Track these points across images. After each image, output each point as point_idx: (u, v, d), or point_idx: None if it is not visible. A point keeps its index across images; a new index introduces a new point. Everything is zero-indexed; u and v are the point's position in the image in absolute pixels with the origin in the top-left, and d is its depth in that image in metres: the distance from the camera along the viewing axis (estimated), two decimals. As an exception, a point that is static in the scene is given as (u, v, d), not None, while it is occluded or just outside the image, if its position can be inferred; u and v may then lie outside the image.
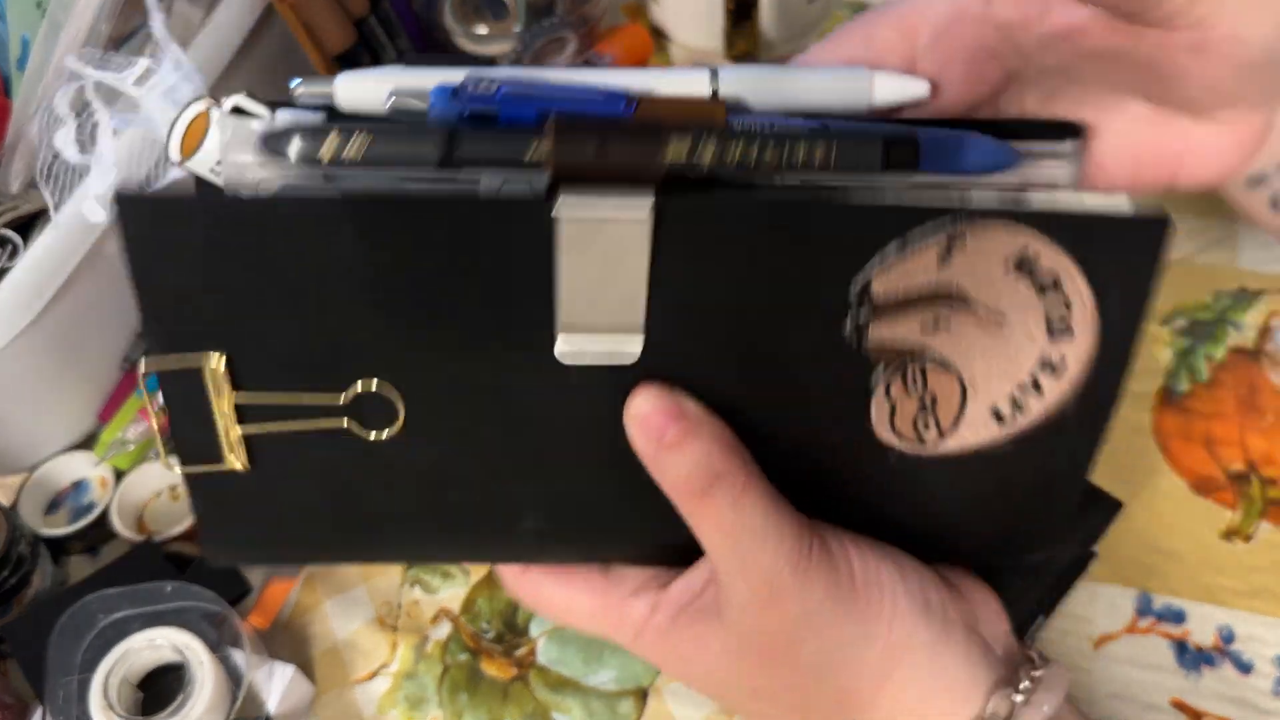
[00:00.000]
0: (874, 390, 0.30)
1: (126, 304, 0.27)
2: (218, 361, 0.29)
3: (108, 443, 0.52)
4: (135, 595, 0.44)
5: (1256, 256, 0.51)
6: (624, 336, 0.28)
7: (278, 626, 0.48)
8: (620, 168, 0.25)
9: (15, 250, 0.49)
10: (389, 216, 0.27)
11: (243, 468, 0.30)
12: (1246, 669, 0.42)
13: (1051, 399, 0.30)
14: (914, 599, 0.32)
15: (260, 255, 0.27)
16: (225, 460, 0.30)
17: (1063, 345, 0.30)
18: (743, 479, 0.30)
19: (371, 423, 0.30)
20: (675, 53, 0.66)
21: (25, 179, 0.50)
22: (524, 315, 0.28)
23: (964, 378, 0.30)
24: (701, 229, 0.27)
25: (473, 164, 0.26)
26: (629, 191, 0.26)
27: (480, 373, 0.29)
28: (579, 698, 0.45)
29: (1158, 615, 0.43)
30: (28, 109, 0.48)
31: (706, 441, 0.29)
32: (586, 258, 0.27)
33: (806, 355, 0.30)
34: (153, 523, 0.52)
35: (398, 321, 0.28)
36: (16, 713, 0.45)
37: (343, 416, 0.30)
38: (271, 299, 0.28)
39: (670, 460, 0.30)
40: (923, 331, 0.29)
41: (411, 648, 0.47)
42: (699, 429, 0.29)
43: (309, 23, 0.54)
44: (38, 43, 0.48)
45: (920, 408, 0.31)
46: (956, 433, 0.31)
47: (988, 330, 0.29)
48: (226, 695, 0.42)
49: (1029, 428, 0.31)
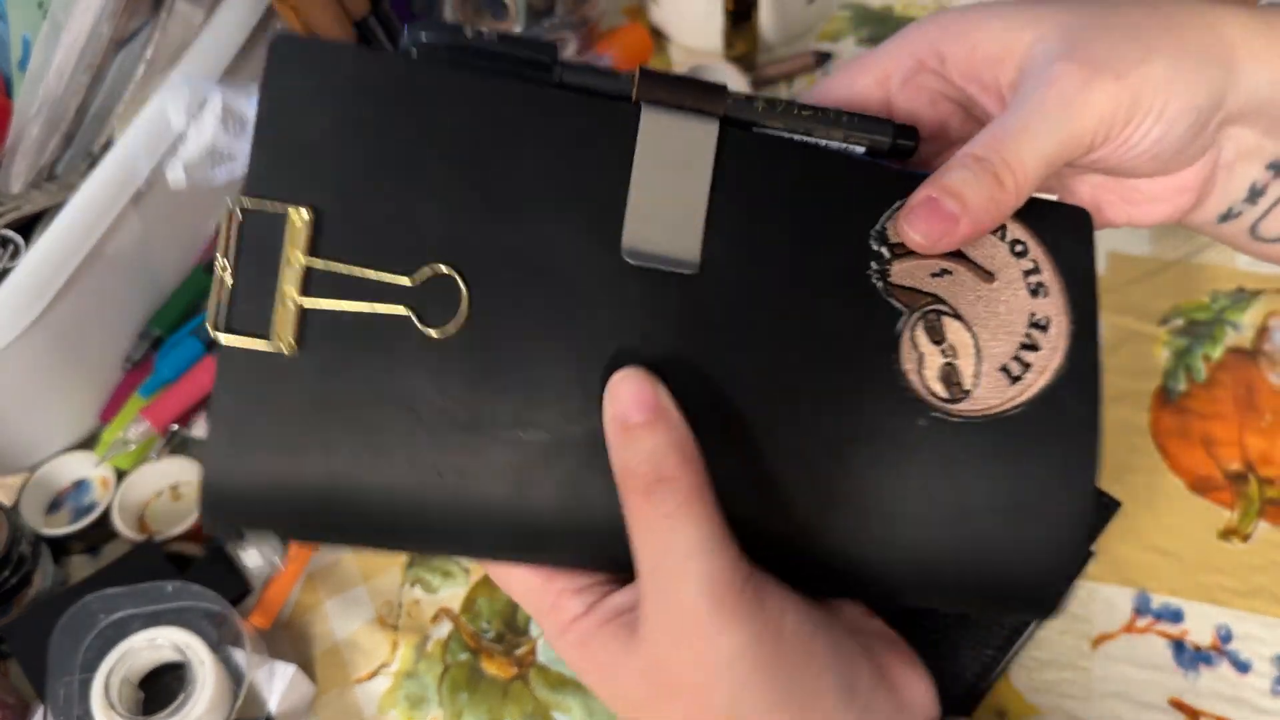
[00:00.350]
0: (900, 336, 0.32)
1: (127, 304, 0.28)
2: (305, 216, 0.29)
3: (109, 443, 0.52)
4: (136, 595, 0.44)
5: (1254, 257, 0.52)
6: (684, 246, 0.31)
7: (278, 626, 0.48)
8: (693, 98, 0.31)
9: (17, 250, 0.49)
10: (504, 95, 0.30)
11: (289, 350, 0.29)
12: (1244, 668, 0.42)
13: (1046, 359, 0.33)
14: (841, 678, 0.31)
15: (381, 116, 0.30)
16: (273, 337, 0.29)
17: (1043, 303, 0.33)
18: (687, 492, 0.29)
19: (431, 320, 0.30)
20: (675, 53, 0.67)
21: (27, 179, 0.50)
22: (598, 211, 0.31)
23: (973, 326, 0.32)
24: (754, 159, 0.32)
25: (573, 85, 0.31)
26: (698, 116, 0.31)
27: (550, 267, 0.30)
28: (579, 697, 0.45)
29: (1156, 615, 0.43)
30: (29, 110, 0.48)
31: (664, 438, 0.29)
32: (658, 164, 0.31)
33: (838, 294, 0.32)
34: (154, 522, 0.53)
35: (483, 204, 0.30)
36: (18, 712, 0.45)
37: (407, 304, 0.30)
38: (375, 164, 0.30)
39: (627, 444, 0.29)
40: (932, 277, 0.32)
41: (412, 647, 0.47)
42: (663, 423, 0.29)
43: (309, 23, 0.54)
44: (39, 43, 0.48)
45: (944, 360, 0.32)
46: (977, 391, 0.32)
47: (982, 282, 0.33)
48: (227, 695, 0.43)
49: (1035, 394, 0.32)
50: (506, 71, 0.31)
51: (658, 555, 0.29)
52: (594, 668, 0.32)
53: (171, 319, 0.55)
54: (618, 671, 0.31)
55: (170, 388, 0.53)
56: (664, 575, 0.29)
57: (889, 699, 0.32)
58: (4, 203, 0.50)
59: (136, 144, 0.50)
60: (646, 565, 0.30)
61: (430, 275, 0.30)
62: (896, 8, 0.66)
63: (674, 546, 0.29)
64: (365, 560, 0.50)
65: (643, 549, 0.30)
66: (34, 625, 0.45)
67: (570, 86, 0.31)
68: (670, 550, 0.29)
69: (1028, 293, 0.33)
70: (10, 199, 0.50)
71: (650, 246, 0.31)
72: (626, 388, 0.30)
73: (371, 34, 0.59)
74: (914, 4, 0.66)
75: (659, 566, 0.29)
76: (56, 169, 0.51)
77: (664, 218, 0.31)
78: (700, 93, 0.32)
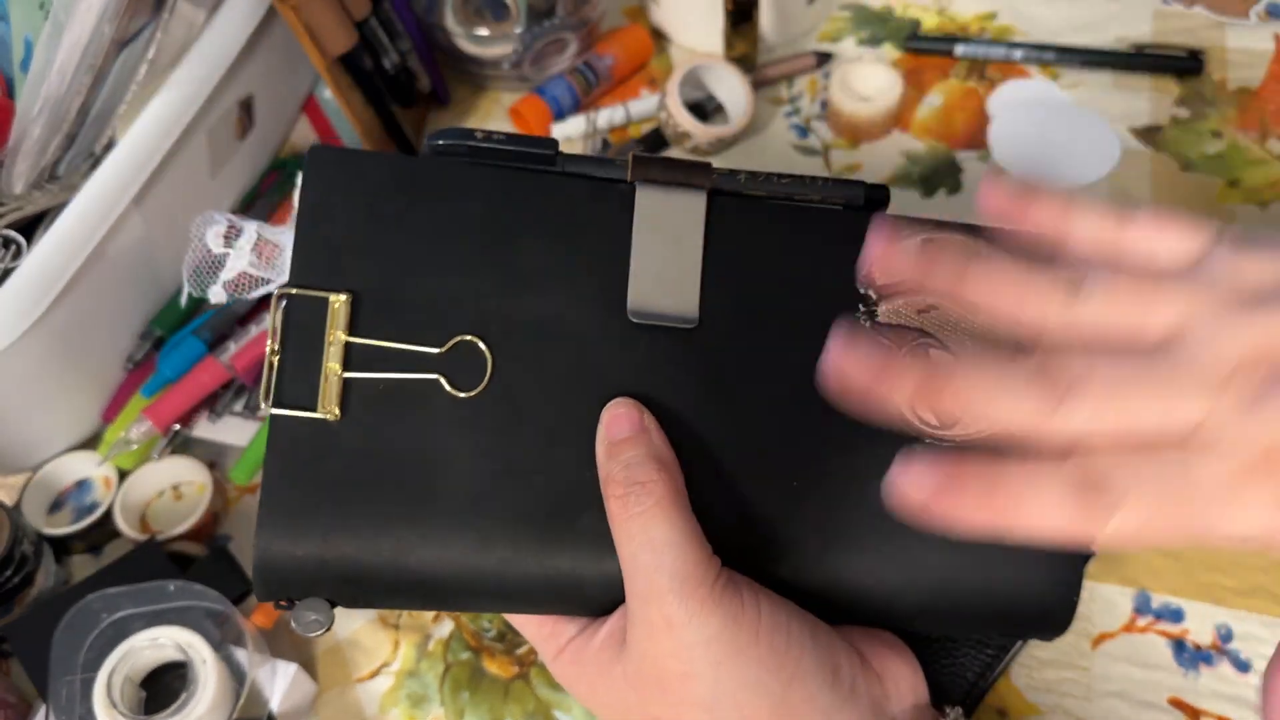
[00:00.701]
0: None
1: (129, 304, 0.28)
2: (344, 301, 0.33)
3: (111, 442, 0.52)
4: (138, 594, 0.44)
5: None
6: (683, 303, 0.34)
7: (280, 625, 0.48)
8: (682, 174, 0.35)
9: (19, 251, 0.49)
10: (515, 183, 0.35)
11: (333, 417, 0.33)
12: (1244, 668, 0.42)
13: None
14: (821, 663, 0.32)
15: (406, 209, 0.34)
16: (319, 406, 0.33)
17: None
18: (659, 494, 0.31)
19: (460, 383, 0.33)
20: (675, 54, 0.67)
21: (29, 180, 0.50)
22: (604, 278, 0.34)
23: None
24: (740, 220, 0.35)
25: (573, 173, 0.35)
26: (688, 190, 0.35)
27: (563, 330, 0.34)
28: (580, 696, 0.45)
29: (1156, 614, 0.43)
30: (31, 110, 0.48)
31: (644, 450, 0.32)
32: (654, 233, 0.35)
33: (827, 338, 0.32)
34: (155, 522, 0.53)
35: (502, 279, 0.34)
36: (20, 712, 0.45)
37: (437, 371, 0.33)
38: (403, 251, 0.34)
39: (610, 458, 0.32)
40: (918, 313, 0.34)
41: (413, 646, 0.47)
42: (644, 439, 0.32)
43: (310, 24, 0.54)
44: (41, 44, 0.48)
45: None
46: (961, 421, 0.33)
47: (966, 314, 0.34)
48: (229, 694, 0.43)
49: None
50: (515, 166, 0.35)
51: (634, 554, 0.31)
52: (586, 681, 0.34)
53: (173, 319, 0.56)
54: (608, 680, 0.33)
55: (172, 388, 0.53)
56: (641, 572, 0.31)
57: (873, 683, 0.33)
58: (6, 203, 0.50)
59: (138, 145, 0.50)
60: (626, 565, 0.31)
61: (456, 344, 0.34)
62: (896, 8, 0.66)
63: (648, 544, 0.31)
64: (367, 560, 0.50)
65: (622, 550, 0.32)
66: (36, 625, 0.45)
67: (571, 174, 0.35)
68: (644, 548, 0.31)
69: None
70: (12, 199, 0.50)
71: (652, 306, 0.34)
72: (614, 411, 0.33)
73: (373, 35, 0.59)
74: (913, 5, 0.66)
75: (636, 564, 0.31)
76: (58, 169, 0.51)
77: (663, 279, 0.34)
78: (688, 170, 0.35)
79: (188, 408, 0.53)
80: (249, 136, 0.61)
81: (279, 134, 0.65)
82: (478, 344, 0.34)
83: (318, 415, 0.33)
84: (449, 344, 0.33)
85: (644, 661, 0.31)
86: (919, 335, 0.33)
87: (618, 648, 0.33)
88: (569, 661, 0.34)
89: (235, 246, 0.41)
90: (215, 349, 0.54)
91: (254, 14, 0.55)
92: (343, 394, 0.33)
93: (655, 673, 0.31)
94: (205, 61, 0.53)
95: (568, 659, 0.34)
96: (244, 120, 0.60)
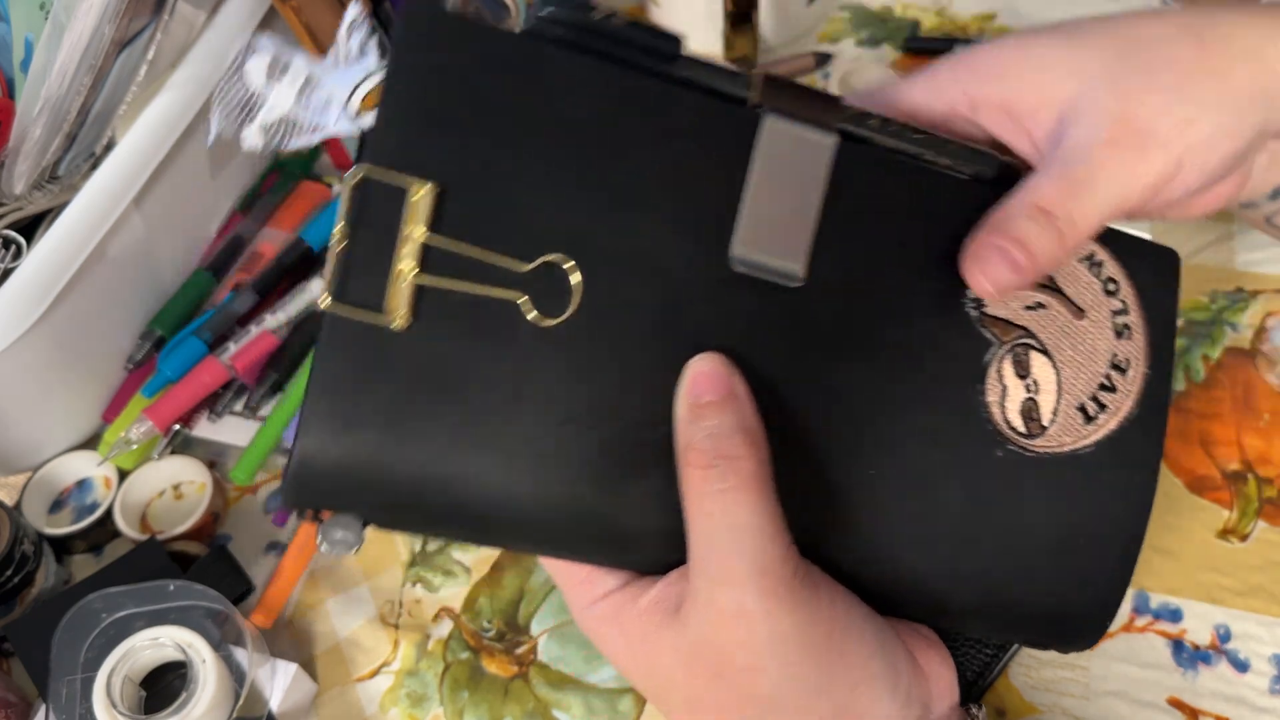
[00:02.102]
0: (988, 368, 0.32)
1: (129, 305, 0.28)
2: (426, 192, 0.29)
3: (111, 442, 0.52)
4: (138, 594, 0.44)
5: (1253, 257, 0.52)
6: (791, 257, 0.31)
7: (280, 625, 0.48)
8: (813, 108, 0.31)
9: (19, 251, 0.49)
10: (629, 88, 0.30)
11: (401, 324, 0.28)
12: (1243, 668, 0.42)
13: (1120, 402, 0.33)
14: (886, 669, 0.31)
15: (507, 98, 0.29)
16: (385, 310, 0.28)
17: (1126, 345, 0.34)
18: (747, 473, 0.29)
19: (542, 309, 0.30)
20: (675, 54, 0.67)
21: (29, 180, 0.50)
22: (709, 215, 0.30)
23: (1058, 363, 0.33)
24: (866, 174, 0.32)
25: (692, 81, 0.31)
26: (818, 129, 0.31)
27: (658, 268, 0.30)
28: (579, 695, 0.45)
29: (1155, 614, 0.43)
30: (31, 111, 0.48)
31: (731, 419, 0.29)
32: (774, 172, 0.30)
33: (933, 319, 0.32)
34: (156, 522, 0.53)
35: (600, 197, 0.30)
36: (20, 711, 0.45)
37: (521, 291, 0.29)
38: (497, 146, 0.29)
39: (693, 421, 0.29)
40: (1026, 310, 0.33)
41: (413, 646, 0.47)
42: (733, 405, 0.29)
43: (310, 24, 0.54)
44: (41, 44, 0.48)
45: (1026, 394, 0.32)
46: (1053, 429, 0.33)
47: (1073, 318, 0.33)
48: (229, 693, 0.43)
49: (1105, 435, 0.33)
50: (627, 59, 0.30)
51: (711, 533, 0.29)
52: (625, 643, 0.32)
53: (174, 319, 0.56)
54: (652, 648, 0.31)
55: (172, 388, 0.53)
56: (716, 554, 0.29)
57: (924, 688, 0.33)
58: (6, 203, 0.50)
59: (138, 145, 0.50)
60: (699, 543, 0.29)
61: (544, 264, 0.29)
62: (896, 9, 0.66)
63: (728, 525, 0.29)
64: (367, 559, 0.50)
65: (696, 526, 0.29)
66: (36, 624, 0.45)
67: (689, 81, 0.31)
68: (724, 529, 0.29)
69: (1113, 333, 0.34)
70: (13, 200, 0.50)
71: (758, 255, 0.31)
72: (701, 367, 0.30)
73: (373, 35, 0.59)
74: (913, 5, 0.66)
75: (712, 545, 0.29)
76: (59, 170, 0.51)
77: (774, 227, 0.31)
78: (823, 106, 0.31)
79: (188, 408, 0.53)
80: (249, 137, 0.61)
81: (279, 134, 0.65)
82: (567, 267, 0.30)
83: (382, 319, 0.28)
84: (536, 262, 0.29)
85: (703, 645, 0.30)
86: (1022, 334, 0.33)
87: (666, 616, 0.30)
88: (604, 617, 0.32)
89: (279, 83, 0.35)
90: (215, 349, 0.54)
91: (254, 14, 0.56)
92: (414, 299, 0.29)
93: (715, 659, 0.30)
94: (205, 62, 0.53)
95: (603, 614, 0.32)
96: (244, 120, 0.60)
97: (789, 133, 0.31)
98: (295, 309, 0.55)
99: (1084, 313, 0.33)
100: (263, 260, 0.59)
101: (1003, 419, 0.32)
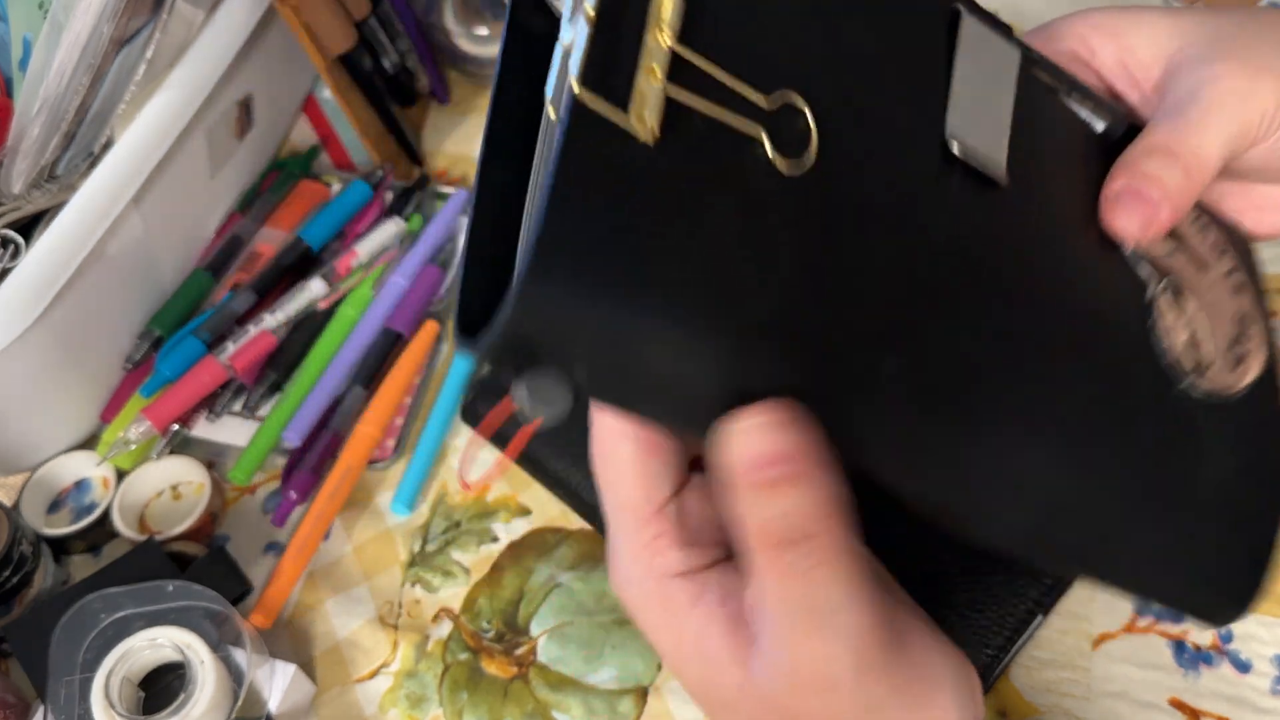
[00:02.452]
0: (1154, 301, 0.33)
1: (128, 304, 0.28)
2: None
3: (109, 442, 0.52)
4: (137, 594, 0.44)
5: (1255, 257, 0.52)
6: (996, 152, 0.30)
7: (279, 625, 0.48)
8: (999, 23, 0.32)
9: (18, 251, 0.49)
10: None
11: (651, 137, 0.24)
12: (1245, 668, 0.42)
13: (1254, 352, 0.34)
14: (964, 708, 0.29)
15: None
16: (632, 112, 0.24)
17: (1243, 301, 0.35)
18: (831, 549, 0.26)
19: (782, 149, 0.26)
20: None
21: (28, 179, 0.50)
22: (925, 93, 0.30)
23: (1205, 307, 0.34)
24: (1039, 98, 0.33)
25: None
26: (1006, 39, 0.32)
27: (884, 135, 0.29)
28: (579, 696, 0.45)
29: (1156, 614, 0.43)
30: (29, 110, 0.48)
31: (809, 493, 0.25)
32: (975, 67, 0.31)
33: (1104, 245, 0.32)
34: (154, 522, 0.53)
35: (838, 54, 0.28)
36: (18, 712, 0.45)
37: (762, 126, 0.26)
38: None
39: (757, 499, 0.26)
40: (1165, 256, 0.34)
41: (412, 646, 0.47)
42: (807, 476, 0.25)
43: (310, 24, 0.54)
44: (40, 43, 0.48)
45: (1188, 331, 0.33)
46: (1214, 370, 0.33)
47: (1199, 270, 0.34)
48: (228, 694, 0.43)
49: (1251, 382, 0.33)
50: None
51: (790, 608, 0.26)
52: (678, 640, 0.29)
53: (172, 319, 0.56)
54: (712, 670, 0.28)
55: (171, 388, 0.53)
56: (799, 632, 0.26)
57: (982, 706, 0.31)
58: (5, 203, 0.50)
59: (137, 144, 0.50)
60: (777, 613, 0.27)
61: (784, 104, 0.26)
62: (897, 8, 0.66)
63: (811, 603, 0.26)
64: (366, 559, 0.50)
65: (773, 595, 0.27)
66: (35, 625, 0.45)
67: None
68: (805, 607, 0.26)
69: (1230, 290, 0.35)
70: (11, 199, 0.50)
71: (970, 138, 0.30)
72: (759, 424, 0.25)
73: (373, 35, 0.59)
74: (914, 4, 0.66)
75: (792, 620, 0.26)
76: (57, 169, 0.51)
77: (980, 120, 0.30)
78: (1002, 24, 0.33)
79: (187, 408, 0.53)
80: (248, 136, 0.61)
81: (278, 134, 0.65)
82: (806, 113, 0.26)
83: (631, 125, 0.24)
84: (776, 100, 0.26)
85: (777, 700, 0.27)
86: (1170, 277, 0.33)
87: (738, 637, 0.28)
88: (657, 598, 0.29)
89: None
90: (214, 349, 0.54)
91: (253, 14, 0.55)
92: (662, 110, 0.24)
93: (789, 713, 0.28)
94: (204, 61, 0.53)
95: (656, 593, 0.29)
96: (243, 120, 0.60)
97: (985, 36, 0.31)
98: (294, 309, 0.55)
99: (1207, 267, 0.35)
100: (261, 260, 0.59)
101: (1175, 351, 0.32)
